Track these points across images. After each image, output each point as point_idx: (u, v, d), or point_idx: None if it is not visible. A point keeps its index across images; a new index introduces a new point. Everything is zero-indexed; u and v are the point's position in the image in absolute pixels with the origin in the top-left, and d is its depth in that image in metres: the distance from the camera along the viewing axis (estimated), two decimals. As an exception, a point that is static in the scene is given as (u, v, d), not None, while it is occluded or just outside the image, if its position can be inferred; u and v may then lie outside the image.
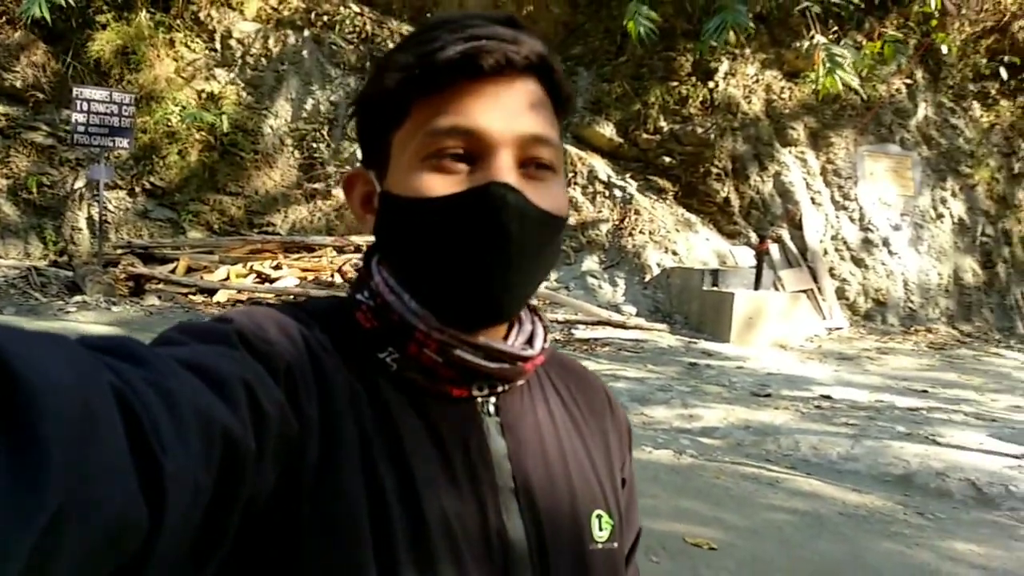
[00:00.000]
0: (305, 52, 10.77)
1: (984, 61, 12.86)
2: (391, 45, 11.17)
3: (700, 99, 11.04)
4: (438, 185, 0.64)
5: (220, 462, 0.45)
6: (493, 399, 0.71)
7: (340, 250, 10.18)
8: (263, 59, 10.58)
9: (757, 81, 11.51)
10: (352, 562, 0.58)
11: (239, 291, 9.20)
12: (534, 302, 0.77)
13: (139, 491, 0.38)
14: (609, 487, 0.77)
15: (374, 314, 0.68)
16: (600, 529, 0.73)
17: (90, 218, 10.85)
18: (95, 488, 0.35)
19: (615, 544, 0.74)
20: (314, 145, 10.77)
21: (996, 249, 13.01)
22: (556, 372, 0.82)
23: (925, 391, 7.72)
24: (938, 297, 12.15)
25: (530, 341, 0.74)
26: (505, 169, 0.63)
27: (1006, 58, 12.70)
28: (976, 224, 12.87)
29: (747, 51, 11.16)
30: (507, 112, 0.64)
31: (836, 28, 11.22)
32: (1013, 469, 5.32)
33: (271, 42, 10.60)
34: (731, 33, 9.87)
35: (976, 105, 13.13)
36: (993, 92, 13.18)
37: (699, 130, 11.06)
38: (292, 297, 8.99)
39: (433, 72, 0.63)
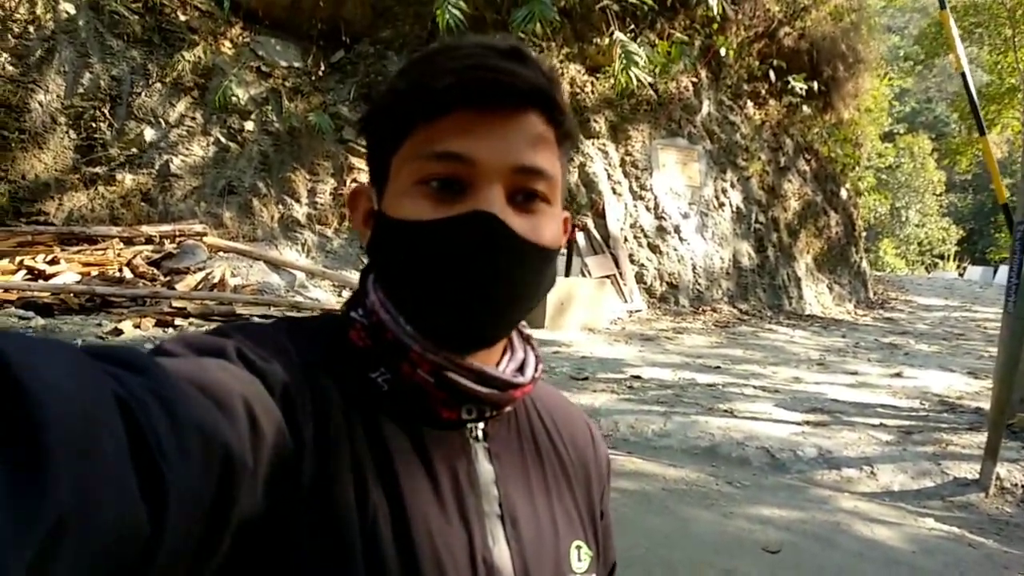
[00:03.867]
0: (81, 21, 9.60)
1: (756, 64, 14.26)
2: (181, 16, 10.25)
3: (509, 90, 11.26)
4: (425, 210, 0.64)
5: (219, 476, 0.46)
6: (481, 425, 0.71)
7: (129, 241, 9.27)
8: (29, 27, 9.30)
9: (561, 74, 11.92)
10: None
11: (5, 290, 8.07)
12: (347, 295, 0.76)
13: (140, 499, 0.38)
14: (588, 519, 0.78)
15: (368, 333, 0.69)
16: (579, 560, 0.73)
17: None
18: (97, 495, 0.35)
19: (593, 575, 0.75)
20: (94, 125, 9.67)
21: (767, 235, 14.54)
22: (541, 403, 0.82)
23: (718, 367, 8.47)
24: (720, 279, 13.36)
25: (521, 369, 0.74)
26: (492, 199, 0.64)
27: (774, 62, 14.17)
28: (751, 212, 14.29)
29: (552, 44, 11.52)
30: (501, 143, 0.64)
31: (633, 26, 11.88)
32: (797, 435, 5.99)
33: (39, 8, 9.34)
34: (537, 25, 10.14)
35: (750, 104, 14.54)
36: (763, 92, 14.66)
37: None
38: (73, 295, 8.06)
39: (426, 100, 0.64)
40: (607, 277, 11.22)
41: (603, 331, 10.10)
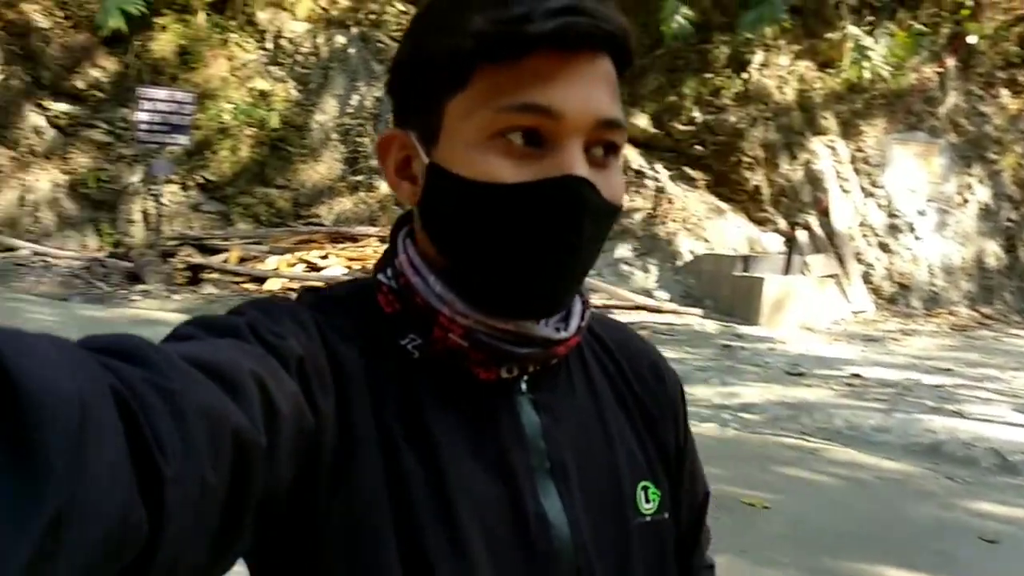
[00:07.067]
0: (352, 50, 11.22)
1: (1014, 49, 13.06)
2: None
3: (734, 90, 11.37)
4: (506, 171, 0.59)
5: (232, 460, 0.45)
6: (526, 376, 0.67)
7: (384, 240, 10.62)
8: (312, 58, 11.05)
9: (790, 71, 11.81)
10: (375, 557, 0.57)
11: (290, 279, 9.69)
12: None
13: (139, 496, 0.38)
14: (656, 456, 0.74)
15: (396, 296, 0.66)
16: (647, 501, 0.70)
17: (144, 211, 11.40)
18: (94, 494, 0.34)
19: (665, 515, 0.71)
20: (358, 139, 11.24)
21: (1018, 233, 13.25)
22: (599, 338, 0.78)
23: (949, 369, 8.09)
24: (960, 280, 12.44)
25: (566, 320, 0.69)
26: (576, 159, 0.59)
27: (1034, 45, 12.89)
28: (1000, 209, 13.11)
29: (781, 42, 11.46)
30: (585, 92, 0.59)
31: (871, 18, 11.47)
32: (1035, 441, 5.71)
33: (320, 41, 11.07)
34: (767, 26, 10.21)
35: (1004, 92, 13.33)
36: (1021, 79, 13.37)
37: (732, 120, 11.41)
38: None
39: (514, 43, 0.57)
40: (830, 276, 10.97)
41: (823, 331, 9.94)
